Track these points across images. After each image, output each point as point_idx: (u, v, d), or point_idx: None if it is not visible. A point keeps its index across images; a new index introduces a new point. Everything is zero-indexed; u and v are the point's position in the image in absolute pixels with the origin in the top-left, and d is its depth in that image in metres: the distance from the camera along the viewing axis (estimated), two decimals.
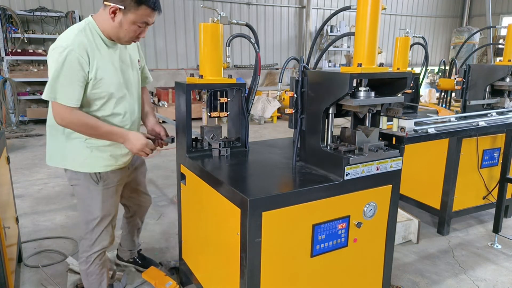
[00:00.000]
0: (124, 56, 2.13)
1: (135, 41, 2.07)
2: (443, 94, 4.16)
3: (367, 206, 2.01)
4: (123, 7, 1.89)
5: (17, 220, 3.00)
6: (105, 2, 1.91)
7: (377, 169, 1.98)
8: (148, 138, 2.15)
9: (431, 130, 2.46)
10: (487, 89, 3.52)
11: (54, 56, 1.84)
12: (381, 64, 1.96)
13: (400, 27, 13.16)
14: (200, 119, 7.85)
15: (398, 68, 3.66)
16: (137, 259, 2.84)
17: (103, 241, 2.20)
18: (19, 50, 7.96)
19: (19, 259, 2.91)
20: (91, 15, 2.01)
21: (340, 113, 2.09)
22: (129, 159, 2.26)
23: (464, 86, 3.56)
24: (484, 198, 3.65)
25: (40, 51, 8.25)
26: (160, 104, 9.01)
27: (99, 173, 2.10)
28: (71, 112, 1.89)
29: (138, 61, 2.27)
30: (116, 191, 2.22)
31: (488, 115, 3.03)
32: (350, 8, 2.24)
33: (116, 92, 2.04)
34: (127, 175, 2.34)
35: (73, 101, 1.88)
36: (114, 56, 2.04)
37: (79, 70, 1.86)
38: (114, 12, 1.91)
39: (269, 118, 9.11)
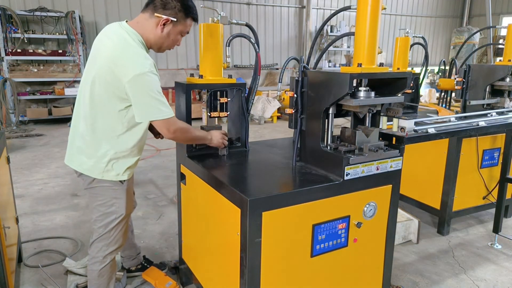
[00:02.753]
0: None
1: (170, 49, 2.14)
2: (443, 94, 4.16)
3: (367, 206, 2.01)
4: (175, 20, 1.97)
5: (17, 220, 3.00)
6: (156, 14, 1.95)
7: (377, 169, 1.98)
8: None
9: (431, 130, 2.46)
10: (487, 89, 3.52)
11: (139, 84, 1.86)
12: (381, 64, 1.96)
13: (400, 27, 13.16)
14: (200, 119, 7.86)
15: (398, 68, 3.66)
16: (145, 264, 2.82)
17: (120, 239, 2.22)
18: (19, 50, 7.96)
19: (19, 259, 2.91)
20: (126, 22, 2.01)
21: (340, 113, 2.09)
22: None
23: (464, 86, 3.56)
24: (484, 198, 3.65)
25: (40, 51, 8.25)
26: None
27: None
28: (174, 120, 1.97)
29: None
30: (132, 188, 2.34)
31: (488, 115, 3.03)
32: (350, 8, 2.24)
33: None
34: None
35: (171, 110, 1.95)
36: None
37: (159, 84, 1.94)
38: (164, 24, 1.96)
39: (269, 118, 9.11)
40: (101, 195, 2.12)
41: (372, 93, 1.94)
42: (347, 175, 1.89)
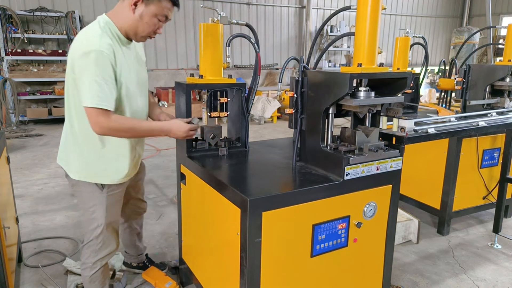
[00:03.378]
0: (137, 55, 2.10)
1: (151, 37, 2.00)
2: (443, 94, 4.16)
3: (367, 206, 2.01)
4: None
5: (17, 220, 3.00)
6: None
7: (377, 169, 1.98)
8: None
9: (431, 130, 2.46)
10: (487, 89, 3.52)
11: (85, 61, 1.77)
12: (381, 64, 1.96)
13: (400, 27, 13.16)
14: (200, 119, 7.84)
15: (398, 68, 3.66)
16: (146, 263, 2.81)
17: (109, 246, 2.16)
18: (19, 50, 7.96)
19: (19, 259, 2.91)
20: (105, 14, 1.97)
21: (340, 113, 2.09)
22: (134, 172, 2.23)
23: (464, 86, 3.56)
24: (484, 198, 3.65)
25: (40, 51, 8.25)
26: (160, 104, 9.02)
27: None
28: (109, 116, 1.82)
29: (145, 63, 2.23)
30: (120, 198, 2.19)
31: (488, 115, 3.03)
32: (350, 8, 2.24)
33: (133, 92, 2.01)
34: (129, 182, 2.28)
35: (111, 104, 1.81)
36: (130, 56, 2.01)
37: (111, 72, 1.82)
38: (135, 4, 1.87)
39: (269, 118, 9.11)
40: (82, 199, 2.08)
41: (372, 93, 1.94)
42: (347, 175, 1.89)
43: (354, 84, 1.85)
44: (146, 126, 1.98)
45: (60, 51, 8.42)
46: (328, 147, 2.01)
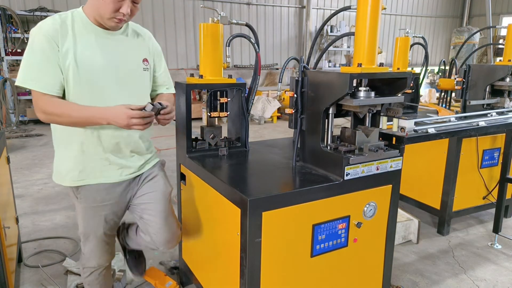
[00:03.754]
0: (121, 48, 1.88)
1: (120, 20, 1.75)
2: (443, 94, 4.16)
3: (367, 206, 2.01)
4: None
5: (17, 220, 3.00)
6: None
7: (377, 169, 1.98)
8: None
9: (431, 130, 2.46)
10: (487, 89, 3.52)
11: (28, 42, 1.70)
12: (381, 64, 1.96)
13: (400, 27, 13.16)
14: (200, 119, 7.85)
15: (398, 68, 3.66)
16: (125, 252, 2.49)
17: (96, 258, 2.02)
18: (19, 50, 7.95)
19: (19, 259, 2.91)
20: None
21: (340, 113, 2.09)
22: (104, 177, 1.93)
23: (464, 86, 3.56)
24: (484, 198, 3.65)
25: None
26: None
27: (75, 187, 1.90)
28: (45, 99, 1.69)
29: (145, 60, 1.97)
30: (98, 210, 1.94)
31: (488, 115, 3.03)
32: (350, 8, 2.24)
33: (101, 85, 1.80)
34: (118, 194, 1.97)
35: (47, 86, 1.69)
36: (102, 44, 1.81)
37: (48, 51, 1.67)
38: None
39: (269, 118, 9.11)
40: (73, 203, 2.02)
41: (372, 93, 1.94)
42: (347, 175, 1.89)
43: (354, 84, 1.85)
44: (84, 112, 1.72)
45: None
46: (328, 147, 2.01)
